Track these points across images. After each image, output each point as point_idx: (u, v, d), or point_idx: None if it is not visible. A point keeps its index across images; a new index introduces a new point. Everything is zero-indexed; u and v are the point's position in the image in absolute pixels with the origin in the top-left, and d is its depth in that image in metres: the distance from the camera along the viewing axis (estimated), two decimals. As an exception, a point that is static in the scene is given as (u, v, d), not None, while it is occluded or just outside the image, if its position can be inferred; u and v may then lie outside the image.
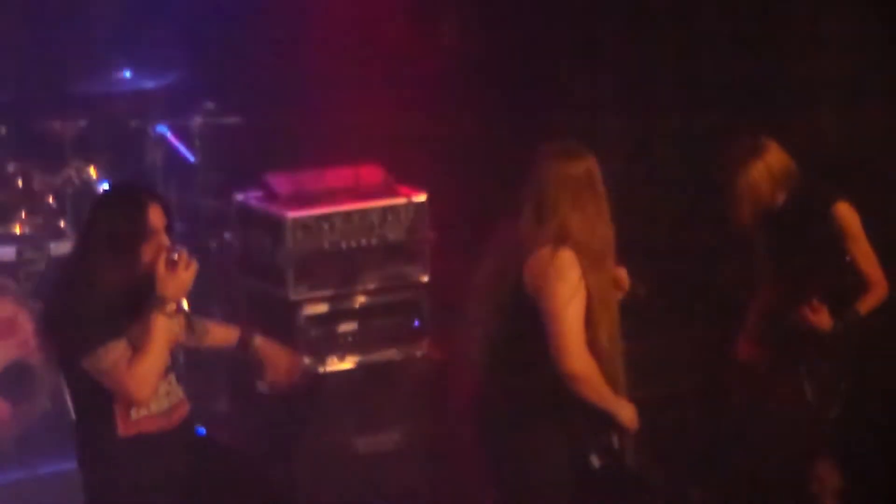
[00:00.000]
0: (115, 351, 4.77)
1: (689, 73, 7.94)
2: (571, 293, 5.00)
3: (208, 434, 5.15)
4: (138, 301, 4.81)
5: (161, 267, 4.81)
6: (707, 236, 7.09)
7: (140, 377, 4.77)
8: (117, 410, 4.90)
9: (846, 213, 5.81)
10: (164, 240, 4.90)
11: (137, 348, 4.77)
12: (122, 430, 4.91)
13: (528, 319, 5.05)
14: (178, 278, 4.81)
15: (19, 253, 7.33)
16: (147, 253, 4.87)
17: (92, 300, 4.85)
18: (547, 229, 5.04)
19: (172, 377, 5.02)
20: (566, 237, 5.02)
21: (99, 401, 4.90)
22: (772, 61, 7.69)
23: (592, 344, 5.07)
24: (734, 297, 6.42)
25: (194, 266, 4.88)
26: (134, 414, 4.91)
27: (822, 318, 5.73)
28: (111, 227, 4.93)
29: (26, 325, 6.83)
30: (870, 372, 5.88)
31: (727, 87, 7.81)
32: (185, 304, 5.24)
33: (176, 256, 4.83)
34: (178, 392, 5.05)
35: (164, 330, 4.80)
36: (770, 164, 5.84)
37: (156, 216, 4.92)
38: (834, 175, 6.33)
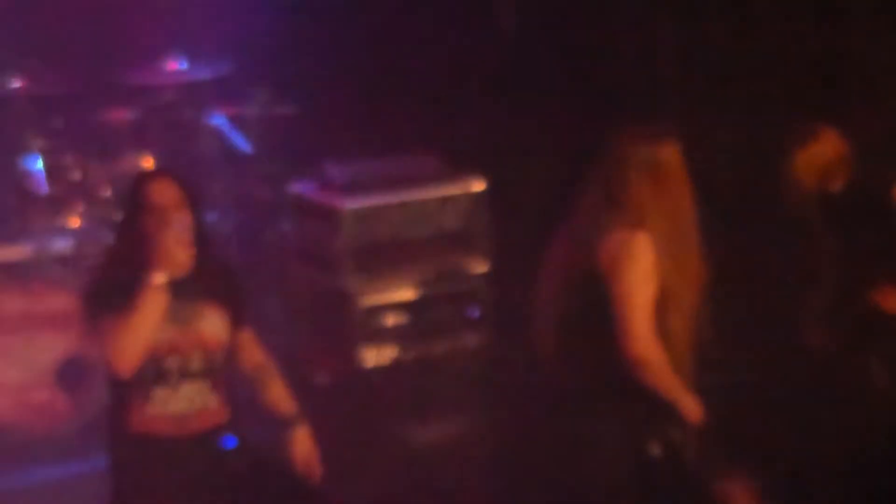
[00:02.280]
0: (112, 322, 4.71)
1: (748, 55, 7.83)
2: (643, 277, 4.95)
3: (242, 446, 5.00)
4: (142, 276, 4.74)
5: (156, 239, 4.73)
6: (770, 223, 6.99)
7: (118, 346, 4.67)
8: (132, 405, 4.83)
9: None
10: (173, 217, 4.78)
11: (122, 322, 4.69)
12: (134, 425, 4.84)
13: (597, 301, 5.00)
14: (165, 252, 4.71)
15: (77, 246, 7.32)
16: (150, 228, 4.78)
17: (102, 275, 4.89)
18: (625, 212, 4.99)
19: (205, 384, 4.88)
20: (643, 221, 4.96)
21: (118, 391, 4.86)
22: (831, 43, 7.56)
23: (662, 333, 5.00)
24: (800, 282, 6.33)
25: (187, 242, 4.77)
26: (148, 410, 4.83)
27: (893, 302, 5.68)
28: (121, 205, 4.96)
29: (83, 318, 6.82)
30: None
31: (786, 70, 7.70)
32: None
33: (171, 232, 4.74)
34: (209, 401, 4.91)
35: (149, 302, 4.69)
36: (823, 153, 5.80)
37: (160, 192, 4.84)
38: (892, 158, 6.23)
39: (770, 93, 7.68)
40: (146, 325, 4.70)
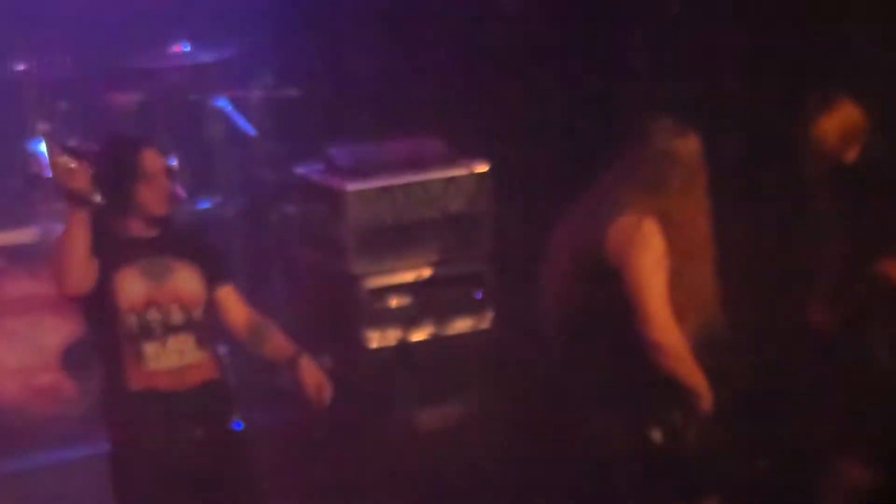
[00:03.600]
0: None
1: (759, 30, 7.78)
2: (657, 262, 4.97)
3: (244, 433, 5.17)
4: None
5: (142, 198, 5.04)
6: (774, 199, 6.97)
7: (59, 261, 4.92)
8: (128, 363, 5.00)
9: None
10: (163, 183, 5.11)
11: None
12: (133, 383, 5.00)
13: (605, 286, 5.01)
14: (64, 169, 4.89)
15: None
16: (142, 196, 5.06)
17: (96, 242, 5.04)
18: (638, 198, 5.00)
19: (189, 338, 5.06)
20: (655, 208, 4.97)
21: (110, 352, 5.03)
22: (847, 21, 7.51)
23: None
24: (803, 260, 6.31)
25: (167, 205, 5.09)
26: (145, 367, 5.00)
27: None
28: (107, 171, 5.08)
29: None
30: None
31: (799, 45, 7.64)
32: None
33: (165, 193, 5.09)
34: (198, 355, 5.08)
35: (71, 220, 4.88)
36: (841, 120, 5.76)
37: (152, 161, 5.10)
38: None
39: (778, 66, 7.62)
40: (71, 239, 4.88)
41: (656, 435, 5.06)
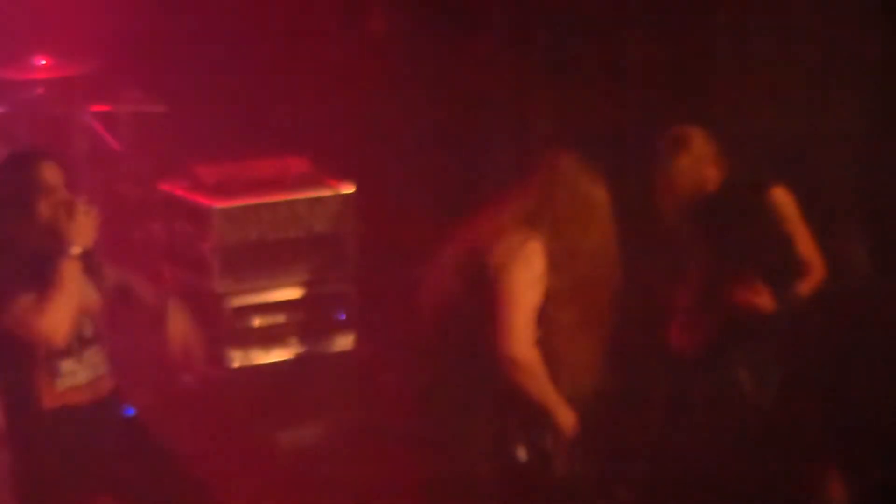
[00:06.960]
0: (26, 302, 4.82)
1: (615, 63, 7.90)
2: (532, 281, 5.03)
3: (137, 418, 5.15)
4: (47, 256, 4.87)
5: (62, 217, 4.89)
6: (633, 228, 7.07)
7: (49, 319, 4.80)
8: (41, 383, 4.92)
9: (783, 198, 5.83)
10: (64, 195, 4.97)
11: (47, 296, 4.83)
12: (48, 402, 4.93)
13: (484, 300, 5.05)
14: (79, 224, 4.89)
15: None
16: (46, 209, 4.94)
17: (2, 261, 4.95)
18: (532, 221, 5.07)
19: (96, 350, 5.03)
20: (543, 231, 5.04)
21: (21, 374, 4.93)
22: (702, 47, 7.63)
23: (548, 342, 5.07)
24: (665, 284, 6.39)
25: (94, 212, 4.96)
26: (59, 385, 4.93)
27: (764, 299, 5.74)
28: (9, 189, 5.02)
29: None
30: (805, 361, 5.86)
31: (655, 76, 7.76)
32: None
33: (75, 205, 4.92)
34: (102, 366, 5.07)
35: (70, 275, 4.84)
36: (695, 155, 5.85)
37: (51, 173, 5.00)
38: (768, 162, 6.32)
39: (637, 98, 7.73)
40: (71, 297, 4.84)
41: (521, 454, 5.11)
